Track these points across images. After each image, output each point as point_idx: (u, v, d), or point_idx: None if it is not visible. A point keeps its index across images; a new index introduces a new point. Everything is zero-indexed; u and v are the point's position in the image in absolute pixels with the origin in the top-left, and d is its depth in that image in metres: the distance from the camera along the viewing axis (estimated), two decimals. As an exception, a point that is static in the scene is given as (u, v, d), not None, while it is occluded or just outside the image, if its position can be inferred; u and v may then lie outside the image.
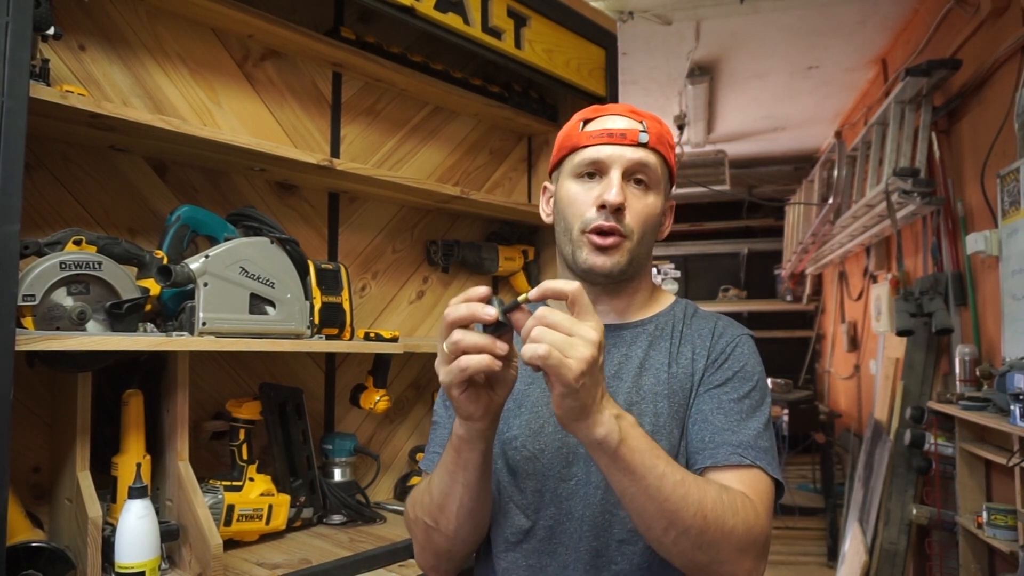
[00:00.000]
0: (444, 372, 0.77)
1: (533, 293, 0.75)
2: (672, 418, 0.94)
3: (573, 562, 0.92)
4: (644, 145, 0.95)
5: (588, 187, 0.97)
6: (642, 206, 0.96)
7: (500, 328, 0.76)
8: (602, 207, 0.94)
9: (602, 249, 0.95)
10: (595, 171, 0.97)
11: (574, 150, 0.99)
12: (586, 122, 1.00)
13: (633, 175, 0.96)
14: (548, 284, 0.75)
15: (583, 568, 0.91)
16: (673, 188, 1.06)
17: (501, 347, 0.76)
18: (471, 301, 0.77)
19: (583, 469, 0.94)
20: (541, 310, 0.74)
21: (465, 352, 0.75)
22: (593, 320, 0.74)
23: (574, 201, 0.98)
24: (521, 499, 0.96)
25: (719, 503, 0.80)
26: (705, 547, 0.79)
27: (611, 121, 0.98)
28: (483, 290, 0.77)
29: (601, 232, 0.95)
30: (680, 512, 0.78)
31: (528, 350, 0.71)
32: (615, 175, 0.94)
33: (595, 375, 0.73)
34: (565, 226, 1.00)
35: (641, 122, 0.97)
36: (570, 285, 0.75)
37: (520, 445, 0.97)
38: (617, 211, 0.94)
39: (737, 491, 0.85)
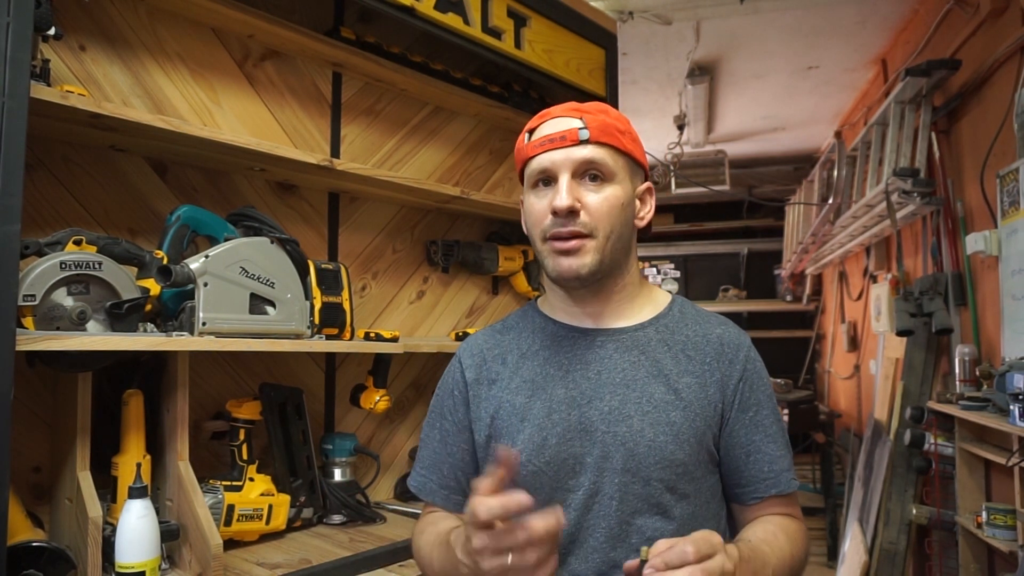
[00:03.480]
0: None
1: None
2: (688, 429, 0.93)
3: (585, 571, 0.91)
4: (587, 142, 0.94)
5: (542, 195, 0.97)
6: (600, 200, 0.94)
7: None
8: (555, 213, 0.93)
9: (565, 252, 0.94)
10: (547, 179, 0.96)
11: (525, 162, 0.99)
12: (531, 132, 1.00)
13: (584, 173, 0.95)
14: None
15: None
16: (648, 172, 1.04)
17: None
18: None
19: (590, 479, 0.93)
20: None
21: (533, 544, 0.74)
22: (714, 537, 0.74)
23: (531, 211, 0.98)
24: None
25: (795, 561, 0.91)
26: None
27: (551, 125, 0.97)
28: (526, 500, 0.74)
29: (559, 238, 0.94)
30: None
31: None
32: (563, 180, 0.94)
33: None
34: (531, 237, 1.00)
35: (581, 118, 0.95)
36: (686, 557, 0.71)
37: (525, 460, 0.95)
38: (570, 213, 0.93)
39: (792, 526, 0.96)
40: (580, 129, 0.94)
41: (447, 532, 0.92)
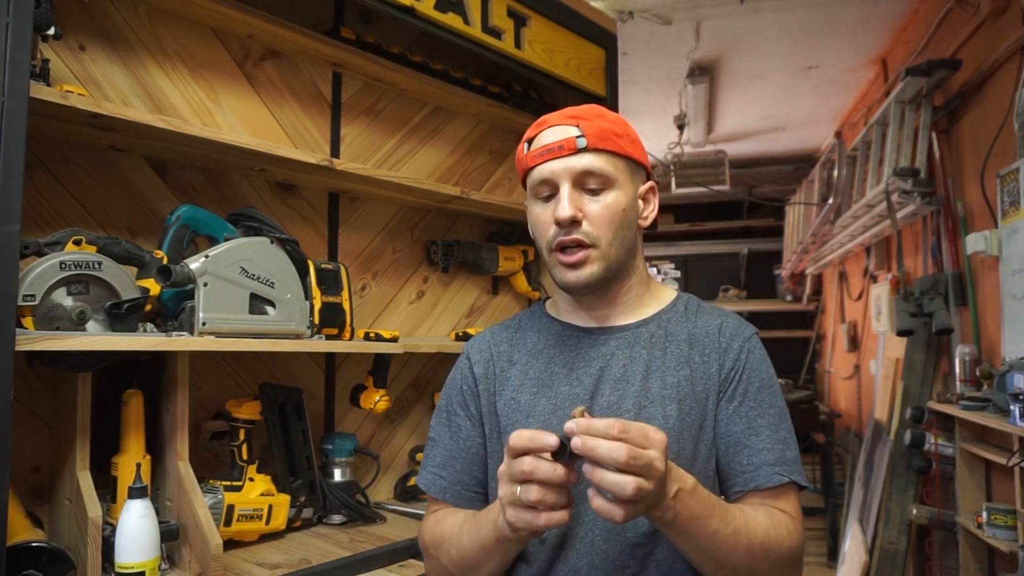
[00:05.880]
0: (522, 520, 0.76)
1: (576, 444, 0.73)
2: (682, 421, 0.94)
3: (585, 566, 0.92)
4: (585, 149, 0.94)
5: (545, 207, 0.98)
6: (601, 208, 0.95)
7: (562, 454, 0.75)
8: (559, 224, 0.94)
9: (571, 266, 0.95)
10: (548, 189, 0.97)
11: (527, 172, 1.00)
12: (530, 141, 1.00)
13: (583, 182, 0.95)
14: (588, 443, 0.73)
15: (596, 572, 0.91)
16: (650, 171, 1.04)
17: (573, 478, 0.76)
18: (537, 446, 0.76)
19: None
20: (619, 428, 0.73)
21: (540, 483, 0.74)
22: (655, 433, 0.75)
23: (537, 223, 0.99)
24: None
25: (768, 540, 0.86)
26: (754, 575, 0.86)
27: (549, 134, 0.97)
28: (552, 440, 0.75)
29: (564, 248, 0.95)
30: (731, 559, 0.84)
31: (617, 488, 0.72)
32: (564, 190, 0.94)
33: (665, 480, 0.76)
34: (538, 246, 1.01)
35: (578, 125, 0.95)
36: (611, 429, 0.73)
37: None
38: (573, 223, 0.94)
39: (780, 515, 0.90)
40: (578, 137, 0.94)
41: (473, 513, 0.94)
